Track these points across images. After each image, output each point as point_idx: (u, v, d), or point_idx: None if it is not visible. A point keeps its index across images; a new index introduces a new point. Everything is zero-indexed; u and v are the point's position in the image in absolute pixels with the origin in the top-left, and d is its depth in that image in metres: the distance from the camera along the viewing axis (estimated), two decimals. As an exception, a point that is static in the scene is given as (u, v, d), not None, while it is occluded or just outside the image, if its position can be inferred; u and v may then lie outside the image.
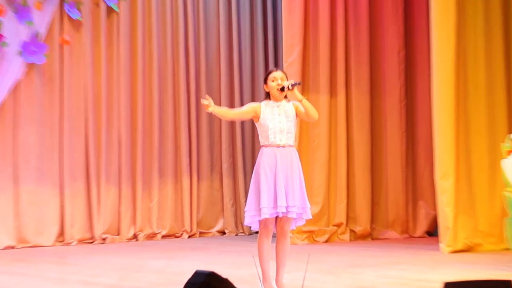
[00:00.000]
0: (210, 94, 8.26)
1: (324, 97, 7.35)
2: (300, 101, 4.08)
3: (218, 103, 8.10)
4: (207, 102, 4.02)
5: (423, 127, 7.63)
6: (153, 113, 7.87)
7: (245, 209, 4.13)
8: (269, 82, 4.16)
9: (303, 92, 7.16)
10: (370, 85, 7.63)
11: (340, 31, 7.40)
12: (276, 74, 4.15)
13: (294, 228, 4.25)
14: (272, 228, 4.09)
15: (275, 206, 4.01)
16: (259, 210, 4.02)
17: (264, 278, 4.14)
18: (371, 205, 7.62)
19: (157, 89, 7.87)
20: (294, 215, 4.09)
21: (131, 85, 7.73)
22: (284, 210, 4.02)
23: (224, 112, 4.18)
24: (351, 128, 7.55)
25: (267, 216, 4.00)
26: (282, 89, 4.07)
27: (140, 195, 7.75)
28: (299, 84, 4.10)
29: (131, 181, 7.72)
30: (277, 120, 4.12)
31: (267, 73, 4.22)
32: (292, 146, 4.17)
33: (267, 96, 4.20)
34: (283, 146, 4.12)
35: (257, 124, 4.18)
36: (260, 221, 4.06)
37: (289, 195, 4.05)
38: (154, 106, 7.89)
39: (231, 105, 8.08)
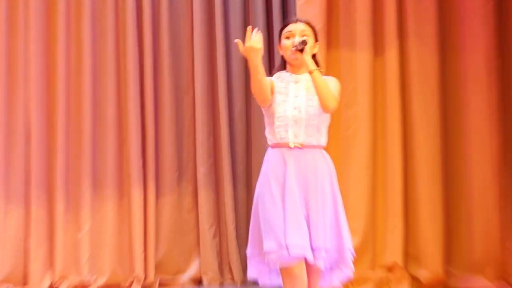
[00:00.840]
0: (177, 50, 7.58)
1: (363, 56, 6.80)
2: (311, 73, 4.00)
3: (189, 65, 7.66)
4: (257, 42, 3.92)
5: (528, 103, 6.93)
6: (82, 84, 7.28)
7: (247, 252, 4.06)
8: (283, 39, 4.10)
9: (327, 48, 6.62)
10: (440, 35, 6.96)
11: None
12: (294, 27, 4.08)
13: (336, 286, 4.17)
14: (302, 276, 3.96)
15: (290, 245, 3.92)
16: (264, 254, 3.94)
17: None
18: (444, 235, 6.93)
19: (89, 43, 7.27)
20: (322, 264, 3.91)
21: (46, 37, 7.24)
22: (300, 252, 3.86)
23: (261, 73, 3.96)
24: (409, 105, 6.92)
25: (277, 265, 3.92)
26: (297, 49, 4.03)
27: (61, 221, 7.20)
28: (303, 43, 4.02)
29: (45, 198, 7.21)
30: (292, 103, 4.02)
31: (282, 25, 4.17)
32: (318, 148, 4.06)
33: (282, 63, 4.17)
34: (300, 147, 4.00)
35: (263, 110, 4.11)
36: (280, 269, 3.98)
37: (312, 231, 3.91)
38: (84, 72, 7.30)
39: (211, 70, 7.56)
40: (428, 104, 6.92)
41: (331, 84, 4.04)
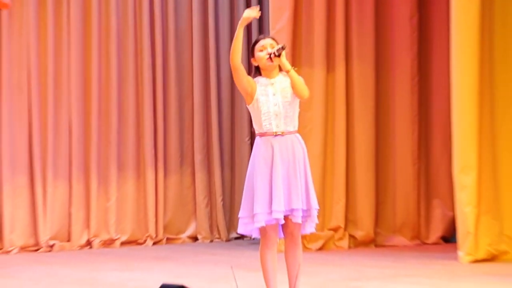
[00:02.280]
0: (181, 68, 8.21)
1: (319, 72, 7.45)
2: (288, 72, 4.22)
3: (189, 80, 8.24)
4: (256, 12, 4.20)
5: (439, 109, 7.77)
6: (110, 92, 7.91)
7: (240, 214, 4.26)
8: (257, 53, 4.27)
9: (292, 65, 7.03)
10: (376, 57, 7.70)
11: (340, -10, 7.51)
12: (265, 42, 4.28)
13: (308, 232, 4.39)
14: (275, 236, 4.25)
15: (271, 211, 4.16)
16: (253, 216, 4.19)
17: None
18: (375, 205, 7.71)
19: (115, 62, 7.92)
20: (299, 220, 4.21)
21: (84, 57, 7.79)
22: (280, 216, 4.16)
23: (238, 44, 4.18)
24: (352, 110, 7.65)
25: (262, 224, 4.16)
26: (275, 55, 4.18)
27: (95, 193, 7.88)
28: (282, 48, 4.18)
29: (83, 176, 7.85)
30: (272, 102, 4.23)
31: (254, 42, 4.35)
32: (294, 133, 4.29)
33: (257, 72, 4.33)
34: (282, 134, 4.23)
35: (249, 107, 4.31)
36: (259, 229, 4.22)
37: (292, 196, 4.17)
38: (112, 83, 7.93)
39: (206, 84, 8.14)
40: (366, 109, 7.62)
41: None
